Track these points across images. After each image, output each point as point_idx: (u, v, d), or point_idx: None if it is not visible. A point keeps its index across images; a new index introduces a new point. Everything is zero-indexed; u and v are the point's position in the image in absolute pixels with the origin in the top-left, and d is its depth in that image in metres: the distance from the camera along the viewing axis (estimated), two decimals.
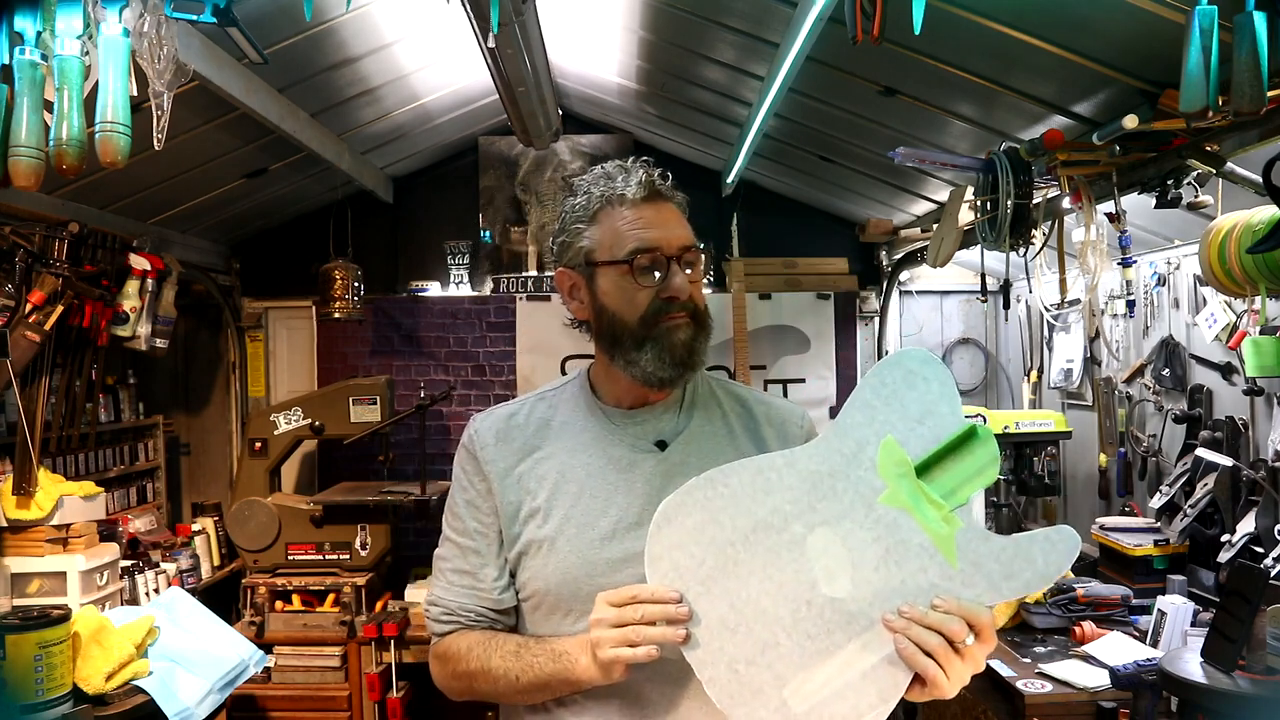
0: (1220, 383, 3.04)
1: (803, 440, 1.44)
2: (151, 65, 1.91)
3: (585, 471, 1.36)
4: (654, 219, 1.34)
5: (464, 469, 1.43)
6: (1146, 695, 2.31)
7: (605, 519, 1.33)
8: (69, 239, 3.21)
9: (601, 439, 1.38)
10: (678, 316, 1.32)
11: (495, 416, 1.45)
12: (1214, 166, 2.20)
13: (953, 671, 1.08)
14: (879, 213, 4.54)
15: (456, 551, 1.42)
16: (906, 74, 2.79)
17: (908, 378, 1.16)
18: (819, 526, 1.14)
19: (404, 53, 3.40)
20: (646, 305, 1.32)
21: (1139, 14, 2.00)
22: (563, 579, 1.32)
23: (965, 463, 1.13)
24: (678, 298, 1.32)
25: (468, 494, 1.42)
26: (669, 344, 1.32)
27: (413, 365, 4.81)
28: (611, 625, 1.17)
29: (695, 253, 1.36)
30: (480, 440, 1.41)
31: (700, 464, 1.34)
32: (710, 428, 1.40)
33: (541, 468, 1.38)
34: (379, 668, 3.89)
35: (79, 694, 2.57)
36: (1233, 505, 2.78)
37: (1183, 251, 3.22)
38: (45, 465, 3.33)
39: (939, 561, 1.10)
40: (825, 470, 1.16)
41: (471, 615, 1.39)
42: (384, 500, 4.04)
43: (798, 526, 1.14)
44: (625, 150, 4.84)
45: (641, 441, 1.37)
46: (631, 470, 1.35)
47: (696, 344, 1.34)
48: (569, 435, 1.40)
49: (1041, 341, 4.36)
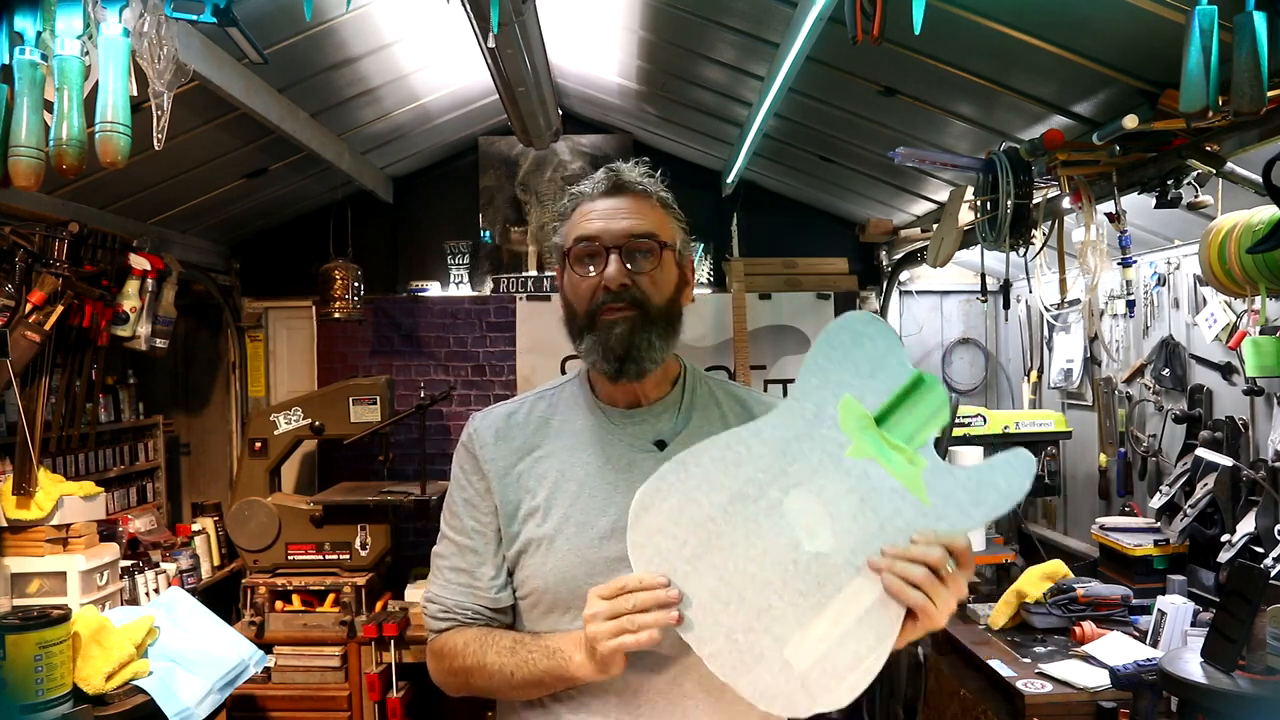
0: (1220, 383, 3.04)
1: None
2: (151, 65, 1.91)
3: (585, 470, 1.37)
4: (605, 211, 1.35)
5: (462, 468, 1.44)
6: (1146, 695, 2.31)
7: (604, 518, 1.33)
8: (69, 239, 3.21)
9: (600, 438, 1.39)
10: (615, 309, 1.33)
11: (494, 415, 1.45)
12: (1214, 166, 2.20)
13: (940, 599, 1.12)
14: (879, 213, 4.54)
15: (454, 550, 1.42)
16: (906, 74, 2.79)
17: (855, 338, 1.21)
18: (793, 489, 1.18)
19: (404, 53, 3.40)
20: (589, 296, 1.34)
21: (1139, 14, 2.00)
22: (561, 577, 1.33)
23: (920, 407, 1.19)
24: (609, 287, 1.32)
25: (466, 493, 1.42)
26: (605, 338, 1.33)
27: (413, 365, 4.81)
28: (606, 619, 1.17)
29: (644, 242, 1.35)
30: (480, 439, 1.42)
31: None
32: (709, 428, 1.40)
33: (541, 466, 1.39)
34: (379, 668, 3.89)
35: (79, 694, 2.57)
36: (1233, 505, 2.78)
37: (1183, 251, 3.22)
38: (45, 465, 3.33)
39: (911, 501, 1.15)
40: (791, 435, 1.20)
41: (468, 613, 1.40)
42: (384, 500, 4.04)
43: (773, 491, 1.18)
44: (625, 150, 4.84)
45: (640, 441, 1.38)
46: (631, 470, 1.35)
47: (636, 338, 1.33)
48: (568, 434, 1.40)
49: (1041, 341, 4.36)
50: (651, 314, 1.34)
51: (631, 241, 1.34)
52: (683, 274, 1.42)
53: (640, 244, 1.34)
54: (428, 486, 4.08)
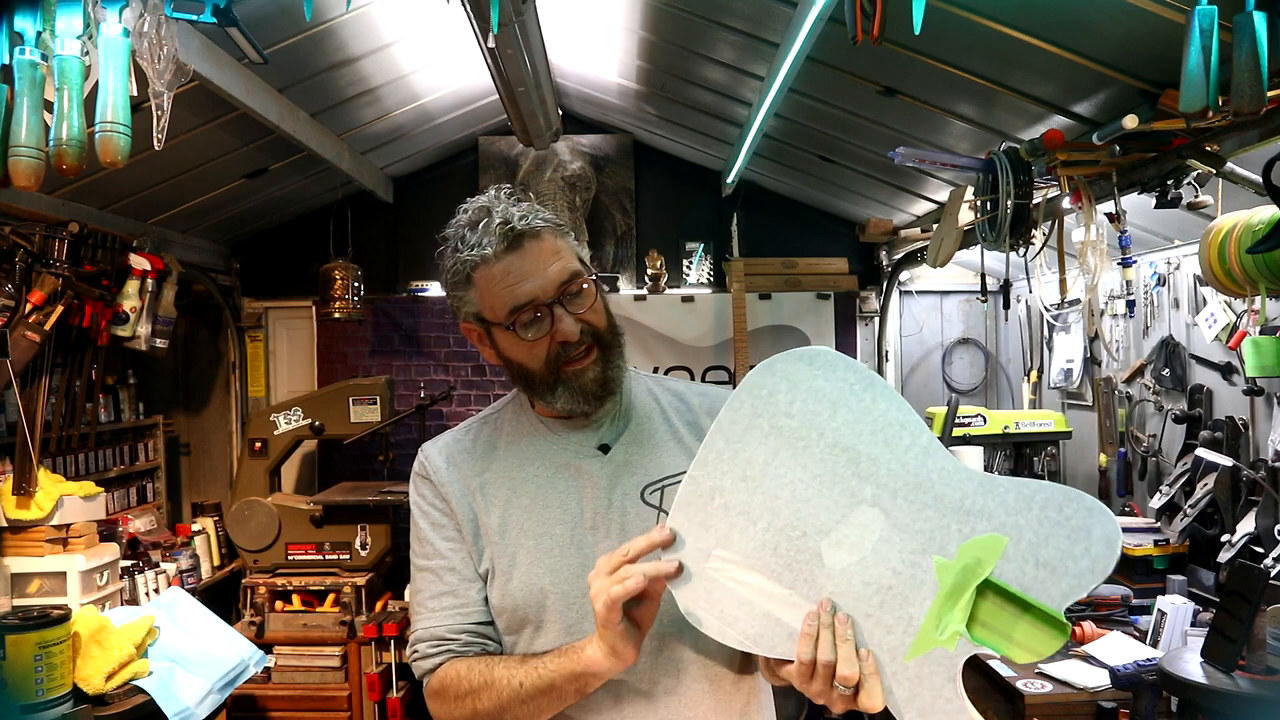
0: (1220, 383, 3.04)
1: None
2: (151, 65, 1.91)
3: (535, 484, 1.36)
4: (522, 269, 1.29)
5: (422, 495, 1.41)
6: (1146, 695, 2.31)
7: (561, 526, 1.33)
8: (69, 239, 3.21)
9: (546, 451, 1.38)
10: (579, 359, 1.31)
11: (442, 443, 1.45)
12: (1214, 166, 2.20)
13: (810, 687, 1.10)
14: (879, 213, 4.54)
15: (432, 577, 1.38)
16: (906, 74, 2.79)
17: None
18: (880, 508, 1.09)
19: (404, 53, 3.40)
20: (545, 354, 1.31)
21: (1139, 14, 2.00)
22: (528, 591, 1.31)
23: (1023, 625, 1.04)
24: (569, 341, 1.30)
25: (430, 517, 1.40)
26: (579, 385, 1.32)
27: (413, 365, 4.81)
28: (605, 574, 1.15)
29: (579, 281, 1.31)
30: (432, 465, 1.41)
31: (644, 461, 1.37)
32: (650, 425, 1.41)
33: (491, 488, 1.38)
34: (379, 668, 3.90)
35: (79, 694, 2.57)
36: (1233, 505, 2.78)
37: (1183, 251, 3.21)
38: (45, 465, 3.33)
39: (904, 632, 1.07)
40: (937, 488, 1.08)
41: (461, 640, 1.35)
42: (384, 500, 4.04)
43: (868, 488, 1.10)
44: (625, 150, 4.84)
45: (585, 448, 1.38)
46: (579, 476, 1.35)
47: (609, 373, 1.33)
48: (514, 453, 1.40)
49: (1041, 341, 4.36)
50: (607, 341, 1.34)
51: (563, 287, 1.30)
52: (597, 282, 1.38)
53: (572, 286, 1.31)
54: None
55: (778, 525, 1.13)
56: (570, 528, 1.33)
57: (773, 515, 1.14)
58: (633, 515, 1.33)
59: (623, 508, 1.34)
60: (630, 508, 1.34)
